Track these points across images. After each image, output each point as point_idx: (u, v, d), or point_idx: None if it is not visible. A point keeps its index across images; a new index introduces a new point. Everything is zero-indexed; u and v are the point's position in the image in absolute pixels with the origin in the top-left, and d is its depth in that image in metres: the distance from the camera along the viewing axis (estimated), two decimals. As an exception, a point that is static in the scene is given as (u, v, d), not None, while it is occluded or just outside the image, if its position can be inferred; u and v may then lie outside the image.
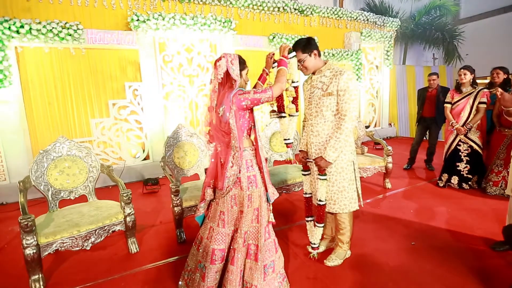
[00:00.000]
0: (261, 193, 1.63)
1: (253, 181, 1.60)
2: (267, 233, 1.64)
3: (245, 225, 1.58)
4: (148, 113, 4.86)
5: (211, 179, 1.67)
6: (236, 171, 1.56)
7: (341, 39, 6.79)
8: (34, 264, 1.83)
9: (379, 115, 7.56)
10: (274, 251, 1.67)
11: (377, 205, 3.14)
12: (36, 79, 4.24)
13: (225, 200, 1.60)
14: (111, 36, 4.44)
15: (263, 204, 1.64)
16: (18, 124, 4.05)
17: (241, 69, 1.60)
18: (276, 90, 1.58)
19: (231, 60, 1.55)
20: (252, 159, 1.63)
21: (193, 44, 5.13)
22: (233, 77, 1.53)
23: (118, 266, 2.13)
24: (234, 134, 1.52)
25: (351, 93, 1.74)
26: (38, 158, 2.31)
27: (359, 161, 3.64)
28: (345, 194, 1.87)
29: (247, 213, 1.58)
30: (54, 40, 4.04)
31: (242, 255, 1.57)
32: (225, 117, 1.52)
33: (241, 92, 1.53)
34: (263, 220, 1.61)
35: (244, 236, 1.58)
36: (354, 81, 1.78)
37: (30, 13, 4.09)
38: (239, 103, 1.51)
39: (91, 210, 2.26)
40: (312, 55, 1.84)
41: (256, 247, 1.60)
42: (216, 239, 1.58)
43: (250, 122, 1.63)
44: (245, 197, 1.57)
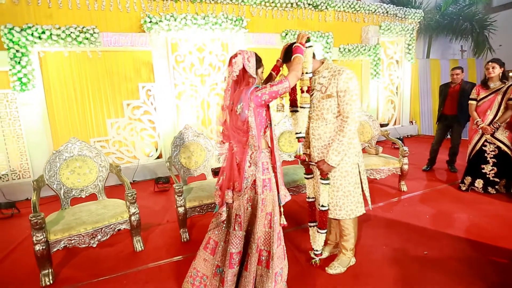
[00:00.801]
0: (275, 197, 1.59)
1: (268, 185, 1.56)
2: (279, 239, 1.60)
3: (259, 230, 1.54)
4: (160, 112, 4.96)
5: (230, 182, 1.61)
6: (254, 171, 1.52)
7: (358, 33, 6.54)
8: (43, 260, 1.93)
9: (399, 112, 7.22)
10: (283, 257, 1.64)
11: (389, 209, 2.99)
12: (57, 82, 4.46)
13: (241, 203, 1.57)
14: (125, 38, 4.57)
15: (276, 208, 1.59)
16: (41, 125, 4.29)
17: (257, 67, 1.56)
18: (292, 79, 1.54)
19: (247, 58, 1.52)
20: (268, 161, 1.58)
21: (205, 43, 5.16)
22: (250, 74, 1.50)
23: (123, 264, 2.19)
24: (253, 133, 1.49)
25: (352, 93, 1.65)
26: (51, 158, 2.43)
27: (372, 162, 3.49)
28: (351, 199, 1.79)
29: (261, 217, 1.54)
30: (73, 44, 4.22)
31: (255, 260, 1.54)
32: (244, 115, 1.48)
33: (258, 89, 1.50)
34: (275, 226, 1.57)
35: (258, 241, 1.54)
36: (354, 80, 1.68)
37: (51, 19, 4.29)
38: (257, 99, 1.48)
39: (99, 209, 2.34)
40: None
41: (268, 253, 1.57)
42: (234, 243, 1.55)
43: (266, 120, 1.59)
44: (259, 200, 1.53)
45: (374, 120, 3.87)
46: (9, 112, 4.20)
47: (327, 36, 5.80)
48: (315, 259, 2.02)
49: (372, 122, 3.86)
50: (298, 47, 1.64)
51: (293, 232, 2.55)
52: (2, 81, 4.08)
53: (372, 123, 3.85)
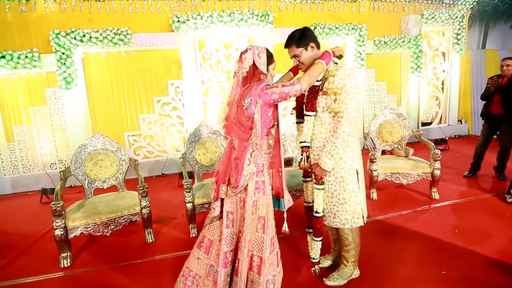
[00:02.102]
0: (269, 201, 1.54)
1: (261, 187, 1.51)
2: (272, 244, 1.54)
3: (248, 233, 1.50)
4: (188, 109, 5.14)
5: (226, 176, 1.57)
6: (253, 170, 1.48)
7: (397, 24, 5.99)
8: (62, 244, 2.14)
9: (445, 110, 6.50)
10: (276, 264, 1.58)
11: (413, 219, 2.71)
12: (96, 80, 4.88)
13: (233, 201, 1.55)
14: (156, 38, 4.80)
15: (270, 213, 1.54)
16: (82, 119, 4.75)
17: (268, 64, 1.51)
18: (305, 83, 1.47)
19: (258, 53, 1.47)
20: (264, 163, 1.53)
21: (231, 40, 5.19)
22: (261, 70, 1.47)
23: (134, 254, 2.33)
24: (256, 130, 1.45)
25: (349, 92, 1.51)
26: (77, 151, 2.67)
27: (398, 165, 3.20)
28: (346, 207, 1.64)
29: (252, 220, 1.51)
30: (109, 45, 4.57)
31: (246, 265, 1.50)
32: (250, 110, 1.45)
33: (268, 87, 1.46)
34: (268, 231, 1.52)
35: (248, 245, 1.50)
36: (353, 77, 1.53)
37: (92, 23, 4.67)
38: (266, 97, 1.44)
39: (116, 200, 2.52)
40: (309, 48, 1.62)
41: (260, 259, 1.51)
42: (225, 241, 1.53)
43: (272, 121, 1.53)
44: (249, 202, 1.49)
45: (405, 119, 3.54)
46: (57, 108, 4.71)
47: (360, 28, 5.43)
48: (314, 267, 1.92)
49: (402, 121, 3.53)
50: (328, 55, 1.56)
51: (297, 236, 2.44)
52: (51, 80, 4.59)
53: (402, 122, 3.53)
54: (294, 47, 1.62)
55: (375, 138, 3.59)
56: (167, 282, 1.91)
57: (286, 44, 1.65)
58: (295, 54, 1.63)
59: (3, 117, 4.62)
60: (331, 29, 5.32)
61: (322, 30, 5.29)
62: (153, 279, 1.98)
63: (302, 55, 1.62)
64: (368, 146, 3.40)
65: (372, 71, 5.98)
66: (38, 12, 4.54)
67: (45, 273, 2.13)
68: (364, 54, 5.59)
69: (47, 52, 4.42)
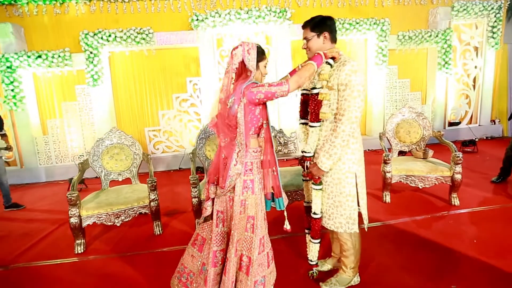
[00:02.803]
0: (258, 200, 1.51)
1: (249, 186, 1.48)
2: (262, 245, 1.52)
3: (237, 233, 1.49)
4: (206, 105, 5.25)
5: (215, 176, 1.56)
6: (240, 170, 1.45)
7: (424, 17, 5.63)
8: (76, 231, 2.31)
9: (476, 109, 6.02)
10: (266, 265, 1.54)
11: (427, 225, 2.55)
12: (121, 78, 5.16)
13: (223, 200, 1.55)
14: (176, 36, 4.95)
15: (260, 213, 1.51)
16: (108, 114, 5.04)
17: (258, 61, 1.47)
18: (293, 84, 1.41)
19: (248, 50, 1.43)
20: (253, 161, 1.51)
21: (249, 37, 5.21)
22: (248, 68, 1.43)
23: (141, 245, 2.46)
24: (240, 130, 1.42)
25: (353, 89, 1.43)
26: (96, 145, 2.85)
27: (414, 167, 3.03)
28: (341, 211, 1.59)
29: (240, 219, 1.49)
30: (132, 44, 4.79)
31: (234, 265, 1.48)
32: (233, 109, 1.42)
33: (254, 85, 1.41)
34: (258, 231, 1.49)
35: (236, 245, 1.48)
36: (359, 74, 1.45)
37: (118, 24, 4.92)
38: (250, 96, 1.39)
39: (128, 192, 2.67)
40: (321, 36, 1.55)
41: (249, 259, 1.48)
42: (215, 240, 1.54)
43: (260, 120, 1.50)
44: (237, 201, 1.48)
45: (425, 119, 3.35)
46: (85, 104, 5.05)
47: (383, 23, 5.18)
48: (312, 270, 1.89)
49: (422, 121, 3.34)
50: (320, 57, 1.50)
51: (300, 237, 2.40)
52: (81, 78, 4.92)
53: (422, 121, 3.34)
54: (308, 30, 1.57)
55: (392, 138, 3.44)
56: (167, 275, 1.95)
57: (303, 25, 1.60)
58: (306, 36, 1.58)
59: (39, 112, 5.05)
60: (351, 24, 5.14)
61: (341, 25, 5.13)
62: (155, 270, 2.07)
63: (312, 40, 1.56)
64: (382, 146, 3.27)
65: (395, 68, 5.70)
66: (70, 14, 4.88)
67: (61, 258, 2.32)
68: (386, 50, 5.34)
69: (77, 51, 4.74)
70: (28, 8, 4.77)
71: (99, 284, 1.98)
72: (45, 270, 2.19)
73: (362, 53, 5.68)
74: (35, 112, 4.96)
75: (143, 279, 1.98)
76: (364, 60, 5.69)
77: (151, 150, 5.34)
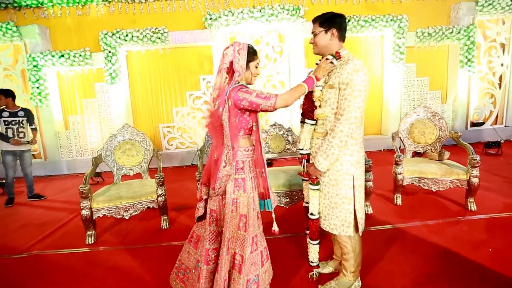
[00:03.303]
0: (250, 199, 1.50)
1: (241, 185, 1.48)
2: (254, 243, 1.51)
3: (228, 231, 1.49)
4: (218, 104, 5.31)
5: (207, 176, 1.56)
6: (229, 171, 1.45)
7: (445, 13, 5.36)
8: (87, 223, 2.43)
9: (502, 109, 5.67)
10: (260, 264, 1.54)
11: (439, 231, 2.43)
12: (138, 76, 5.33)
13: (216, 199, 1.56)
14: (190, 35, 5.04)
15: (252, 212, 1.51)
16: (125, 111, 5.24)
17: (249, 60, 1.47)
18: (280, 101, 1.40)
19: (238, 50, 1.43)
20: (245, 160, 1.50)
21: (262, 35, 5.21)
22: (236, 68, 1.42)
23: (148, 238, 2.54)
24: (226, 132, 1.41)
25: (354, 88, 1.39)
26: (109, 140, 2.97)
27: (428, 169, 2.90)
28: (336, 213, 1.55)
29: (232, 218, 1.49)
30: (148, 43, 4.94)
31: (226, 263, 1.47)
32: (219, 111, 1.42)
33: (243, 90, 1.39)
34: (250, 229, 1.49)
35: (228, 243, 1.48)
36: (361, 73, 1.41)
37: (135, 24, 5.09)
38: (236, 100, 1.38)
39: (137, 187, 2.76)
40: (329, 33, 1.51)
41: (242, 258, 1.48)
42: (208, 238, 1.55)
43: (250, 122, 1.49)
44: (229, 199, 1.48)
45: (441, 119, 3.20)
46: (104, 100, 5.27)
47: (400, 19, 5.00)
48: (313, 271, 1.86)
49: (438, 121, 3.20)
50: (311, 80, 1.50)
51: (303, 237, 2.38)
52: (100, 75, 5.14)
53: (438, 122, 3.20)
54: (317, 24, 1.54)
55: (405, 138, 3.32)
56: (170, 269, 1.99)
57: (313, 19, 1.57)
58: (314, 31, 1.56)
59: (62, 108, 5.33)
60: (367, 21, 5.00)
61: (356, 22, 5.00)
62: (159, 264, 2.13)
63: (320, 35, 1.53)
64: (394, 147, 3.17)
65: (413, 66, 5.48)
66: (91, 15, 5.10)
67: (73, 248, 2.45)
68: (404, 47, 5.15)
69: (97, 50, 4.95)
70: (53, 11, 5.04)
71: (105, 274, 2.06)
72: (58, 258, 2.31)
73: (379, 50, 5.52)
74: (58, 108, 5.24)
75: (146, 272, 2.04)
76: (380, 57, 5.53)
77: (165, 146, 5.49)
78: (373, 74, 5.61)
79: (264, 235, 1.63)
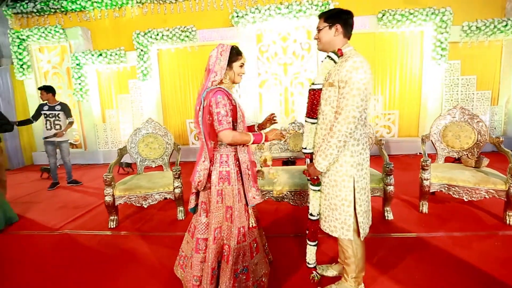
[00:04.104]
0: (235, 191, 1.53)
1: (225, 177, 1.52)
2: (242, 235, 1.54)
3: (214, 221, 1.54)
4: (244, 99, 5.35)
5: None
6: (207, 166, 1.52)
7: (498, 5, 4.80)
8: (110, 208, 2.61)
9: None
10: (249, 256, 1.56)
11: (466, 244, 2.19)
12: (167, 73, 5.58)
13: (206, 192, 1.62)
14: (217, 33, 5.14)
15: (237, 204, 1.54)
16: (155, 107, 5.52)
17: (233, 60, 1.52)
18: (226, 134, 1.43)
19: (221, 52, 1.50)
20: (229, 154, 1.54)
21: (289, 32, 5.13)
22: (212, 69, 1.48)
23: (164, 227, 2.66)
24: (201, 129, 1.49)
25: (353, 87, 1.32)
26: (133, 133, 3.15)
27: (460, 176, 2.64)
28: (336, 215, 1.48)
29: (217, 208, 1.54)
30: (177, 42, 5.13)
31: (213, 252, 1.52)
32: (196, 109, 1.50)
33: (220, 99, 1.43)
34: (236, 221, 1.53)
35: (214, 233, 1.53)
36: (361, 71, 1.32)
37: (166, 23, 5.33)
38: (210, 102, 1.44)
39: (157, 178, 2.89)
40: (333, 28, 1.46)
41: (229, 248, 1.53)
42: (199, 229, 1.61)
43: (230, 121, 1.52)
44: (214, 191, 1.53)
45: (480, 122, 2.89)
46: (136, 96, 5.60)
47: (443, 12, 4.58)
48: (314, 273, 1.80)
49: (477, 124, 2.89)
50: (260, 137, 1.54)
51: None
52: (133, 73, 5.47)
53: (477, 125, 2.89)
54: (322, 20, 1.50)
55: (437, 142, 3.06)
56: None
57: (319, 15, 1.55)
58: (318, 26, 1.52)
59: (101, 103, 5.77)
60: (404, 15, 4.66)
61: (392, 17, 4.69)
62: (170, 252, 2.21)
63: (324, 31, 1.49)
64: (422, 150, 2.93)
65: (457, 63, 5.00)
66: (127, 16, 5.44)
67: (97, 230, 2.65)
68: (447, 43, 4.71)
69: (131, 49, 5.27)
70: (94, 13, 5.47)
71: (120, 256, 2.20)
72: (83, 238, 2.52)
73: (417, 47, 5.12)
74: (97, 103, 5.69)
75: (157, 258, 2.14)
76: (420, 54, 5.12)
77: (191, 141, 5.68)
78: (410, 73, 5.23)
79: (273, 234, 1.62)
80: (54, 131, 4.00)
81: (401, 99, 5.32)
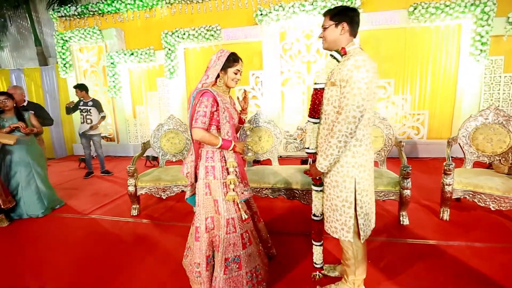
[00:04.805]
0: (221, 185, 1.63)
1: (211, 171, 1.63)
2: (231, 226, 1.62)
3: (203, 211, 1.66)
4: (266, 98, 5.39)
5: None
6: (193, 159, 1.69)
7: (551, -9, 4.29)
8: (133, 198, 2.82)
9: None
10: (240, 246, 1.62)
11: (487, 256, 2.03)
12: (193, 71, 5.79)
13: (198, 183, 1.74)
14: (241, 32, 5.22)
15: (222, 196, 1.63)
16: (181, 103, 5.76)
17: (229, 66, 1.62)
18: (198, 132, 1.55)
19: (219, 56, 1.62)
20: (214, 151, 1.64)
21: (312, 29, 5.05)
22: (207, 71, 1.62)
23: (180, 218, 2.81)
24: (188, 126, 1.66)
25: (353, 86, 1.29)
26: (156, 129, 3.34)
27: (488, 183, 2.45)
28: (336, 216, 1.47)
29: (205, 200, 1.65)
30: (202, 40, 5.30)
31: (205, 240, 1.64)
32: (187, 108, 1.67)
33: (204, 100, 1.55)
34: (223, 212, 1.61)
35: (206, 222, 1.65)
36: (363, 70, 1.28)
37: (193, 23, 5.51)
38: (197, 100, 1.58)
39: (176, 172, 3.03)
40: (339, 26, 1.43)
41: (219, 237, 1.63)
42: (197, 218, 1.72)
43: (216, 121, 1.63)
44: (201, 184, 1.64)
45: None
46: (164, 93, 5.89)
47: (484, 3, 4.21)
48: (316, 272, 1.80)
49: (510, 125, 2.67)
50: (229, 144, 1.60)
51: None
52: (161, 71, 5.75)
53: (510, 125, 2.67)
54: (327, 18, 1.48)
55: (465, 145, 2.86)
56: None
57: (324, 13, 1.53)
58: (323, 25, 1.50)
59: (132, 99, 6.16)
60: (438, 8, 4.36)
61: (425, 10, 4.42)
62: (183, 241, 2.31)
63: (329, 29, 1.46)
64: (447, 154, 2.76)
65: (500, 59, 4.58)
66: (156, 17, 5.72)
67: (120, 216, 2.89)
68: (488, 36, 4.33)
69: (159, 48, 5.54)
70: (127, 15, 5.82)
71: (138, 242, 2.38)
72: (107, 223, 2.76)
73: (453, 42, 4.76)
74: (128, 100, 6.08)
75: (170, 247, 2.28)
76: (456, 50, 4.76)
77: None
78: (444, 71, 4.89)
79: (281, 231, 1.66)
80: (86, 125, 4.39)
81: (432, 99, 5.00)
